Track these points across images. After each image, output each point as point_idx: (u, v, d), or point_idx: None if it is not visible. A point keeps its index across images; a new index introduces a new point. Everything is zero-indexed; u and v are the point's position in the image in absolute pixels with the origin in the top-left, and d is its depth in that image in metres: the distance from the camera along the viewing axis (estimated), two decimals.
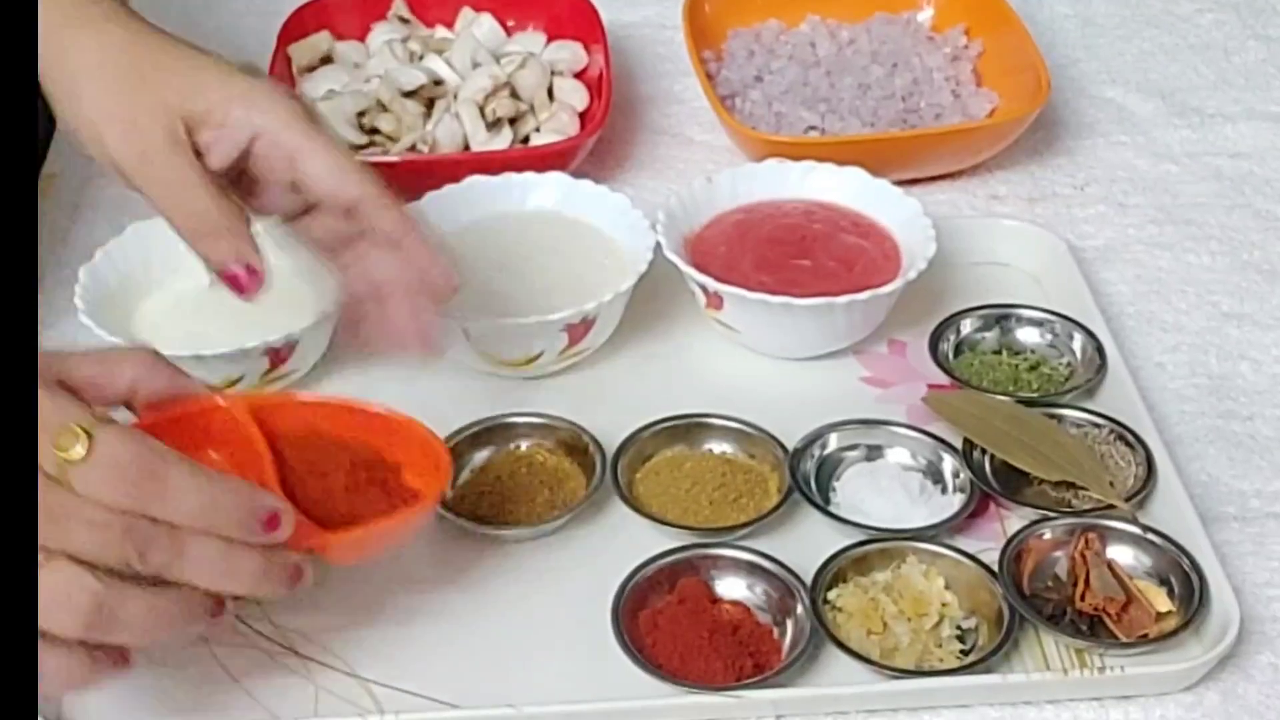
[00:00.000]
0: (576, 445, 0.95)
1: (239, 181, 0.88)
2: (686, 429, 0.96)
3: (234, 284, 0.87)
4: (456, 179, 1.07)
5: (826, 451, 0.95)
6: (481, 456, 0.95)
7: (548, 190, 1.08)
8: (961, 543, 0.89)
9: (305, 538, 0.78)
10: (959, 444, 0.95)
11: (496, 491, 0.93)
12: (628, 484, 0.93)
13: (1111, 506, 0.90)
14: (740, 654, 0.83)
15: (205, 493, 0.73)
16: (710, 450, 0.95)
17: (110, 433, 0.72)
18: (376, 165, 0.92)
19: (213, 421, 0.81)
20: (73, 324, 0.99)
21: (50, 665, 0.71)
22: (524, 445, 0.96)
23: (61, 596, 0.70)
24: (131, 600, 0.72)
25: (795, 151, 1.10)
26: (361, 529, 0.80)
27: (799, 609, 0.85)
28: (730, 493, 0.92)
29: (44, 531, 0.70)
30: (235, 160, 0.86)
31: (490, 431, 0.96)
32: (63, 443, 0.71)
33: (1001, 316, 1.04)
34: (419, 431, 0.85)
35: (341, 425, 0.84)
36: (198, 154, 0.85)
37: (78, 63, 0.85)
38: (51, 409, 0.72)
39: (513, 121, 1.20)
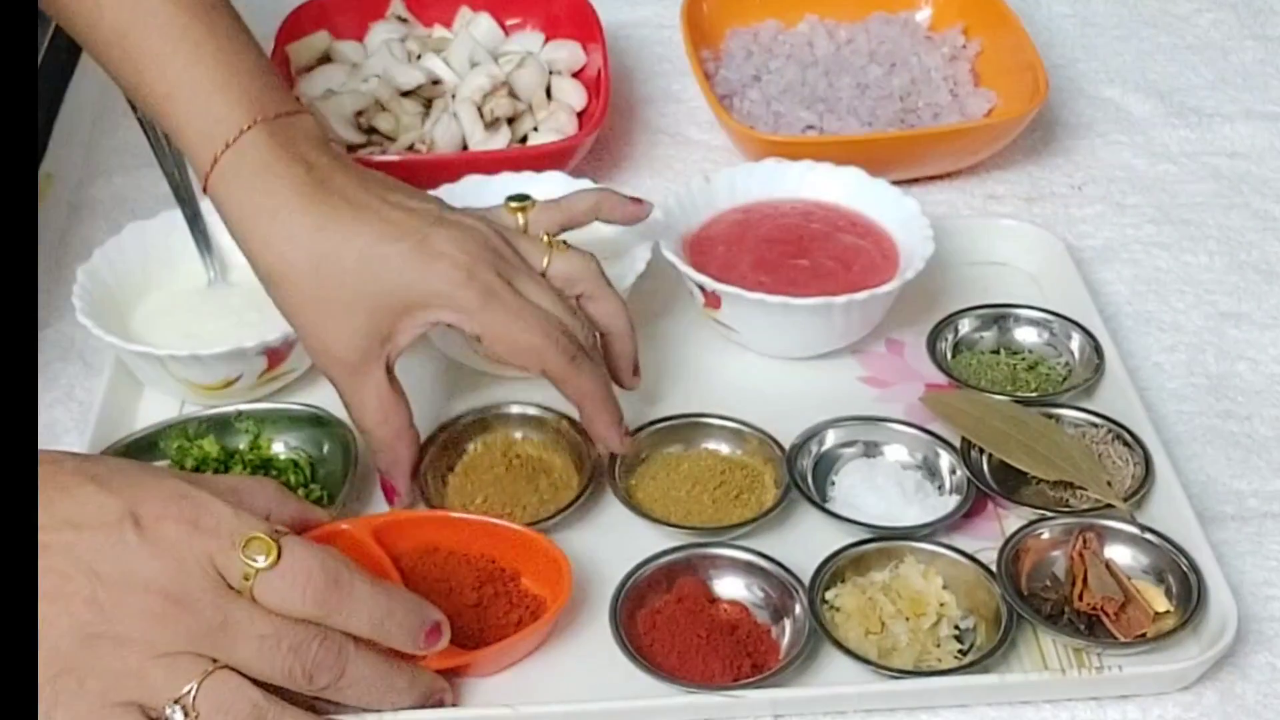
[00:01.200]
0: (566, 437, 0.95)
1: None
2: (681, 429, 0.96)
3: (383, 490, 0.92)
4: (454, 178, 1.07)
5: (824, 448, 0.95)
6: (472, 449, 0.96)
7: (546, 190, 1.08)
8: (960, 542, 0.89)
9: (449, 656, 0.81)
10: (957, 443, 0.95)
11: (492, 485, 0.93)
12: (626, 487, 0.93)
13: (1109, 506, 0.90)
14: (738, 654, 0.83)
15: (383, 601, 0.77)
16: (706, 449, 0.96)
17: (296, 542, 0.75)
18: (374, 165, 0.92)
19: (338, 545, 0.84)
20: (70, 323, 1.00)
21: None
22: (516, 436, 0.96)
23: (224, 703, 0.72)
24: (289, 716, 0.74)
25: (793, 151, 1.10)
26: (500, 645, 0.83)
27: (797, 609, 0.85)
28: (731, 490, 0.93)
29: (215, 641, 0.72)
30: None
31: (481, 423, 0.97)
32: (251, 550, 0.74)
33: (999, 316, 1.04)
34: (532, 539, 0.87)
35: (458, 537, 0.87)
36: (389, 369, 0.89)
37: (267, 263, 0.88)
38: (234, 520, 0.75)
39: (511, 121, 1.20)
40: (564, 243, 0.93)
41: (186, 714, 0.72)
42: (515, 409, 0.97)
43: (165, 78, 0.89)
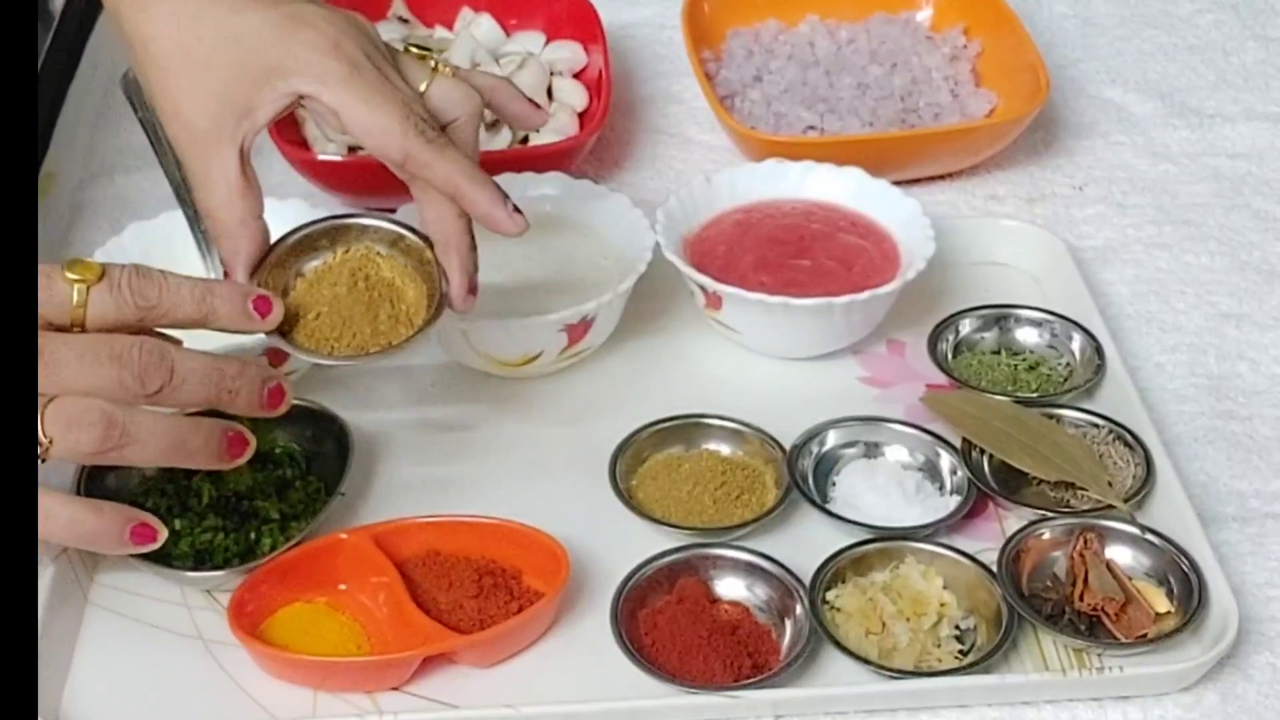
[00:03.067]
0: (416, 252, 0.89)
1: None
2: (682, 429, 0.96)
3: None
4: None
5: (825, 448, 0.95)
6: (313, 265, 0.90)
7: (547, 190, 1.08)
8: (960, 543, 0.89)
9: (441, 643, 0.83)
10: (958, 443, 0.95)
11: (329, 304, 0.88)
12: (627, 488, 0.93)
13: (1110, 507, 0.90)
14: (739, 654, 0.83)
15: (201, 284, 0.80)
16: (706, 449, 0.96)
17: (114, 265, 0.78)
18: (372, 167, 0.92)
19: (340, 555, 0.87)
20: None
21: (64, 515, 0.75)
22: (377, 252, 0.90)
23: (74, 418, 0.74)
24: (142, 415, 0.76)
25: (794, 151, 1.10)
26: (492, 630, 0.84)
27: (798, 609, 0.85)
28: (732, 490, 0.93)
29: (43, 379, 0.74)
30: (284, 113, 0.87)
31: (343, 230, 0.90)
32: (78, 270, 0.77)
33: (1000, 317, 1.04)
34: (533, 535, 0.88)
35: (458, 540, 0.88)
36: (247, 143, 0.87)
37: (137, 36, 0.86)
38: (55, 267, 0.77)
39: None
40: (453, 68, 0.89)
41: (41, 442, 0.73)
42: (385, 223, 0.90)
43: None
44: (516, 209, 0.88)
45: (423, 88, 0.88)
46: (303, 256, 0.89)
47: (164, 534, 0.79)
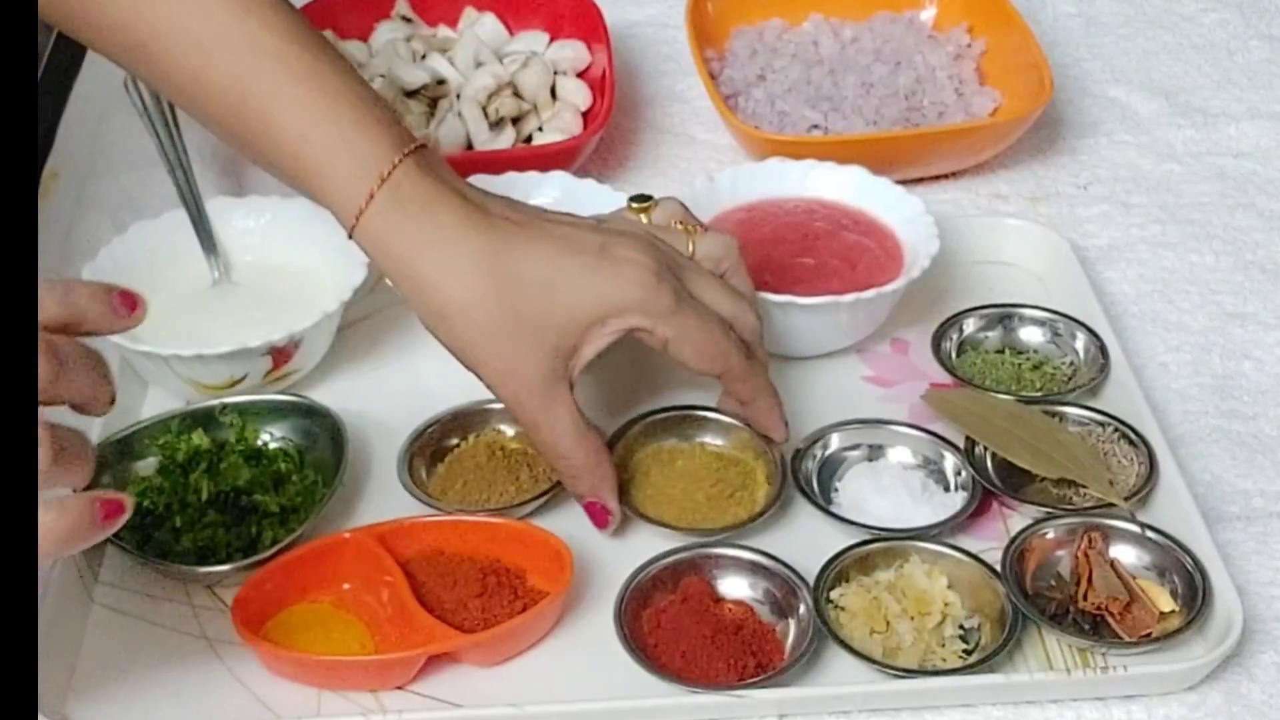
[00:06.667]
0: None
1: None
2: (674, 422, 0.96)
3: (591, 515, 0.90)
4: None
5: (828, 451, 0.95)
6: (460, 443, 0.96)
7: (551, 189, 1.08)
8: (964, 542, 0.89)
9: (445, 642, 0.83)
10: (960, 443, 0.95)
11: (473, 473, 0.94)
12: (620, 484, 0.92)
13: (1112, 505, 0.90)
14: (743, 653, 0.83)
15: (60, 284, 0.73)
16: (700, 444, 0.95)
17: None
18: None
19: (344, 554, 0.87)
20: None
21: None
22: (502, 431, 0.96)
23: None
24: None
25: (798, 150, 1.10)
26: (496, 629, 0.84)
27: (802, 608, 0.85)
28: (726, 488, 0.93)
29: None
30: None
31: (469, 418, 0.96)
32: None
33: (1004, 316, 1.04)
34: (537, 534, 0.88)
35: (463, 540, 0.88)
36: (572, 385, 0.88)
37: (443, 295, 0.85)
38: None
39: (515, 121, 1.20)
40: (699, 225, 0.93)
41: None
42: (500, 405, 0.94)
43: (300, 120, 0.85)
44: (785, 422, 0.93)
45: (690, 250, 0.91)
46: (437, 446, 0.95)
47: (130, 501, 0.74)
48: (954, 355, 1.02)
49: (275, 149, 0.87)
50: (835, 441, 0.96)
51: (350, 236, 0.87)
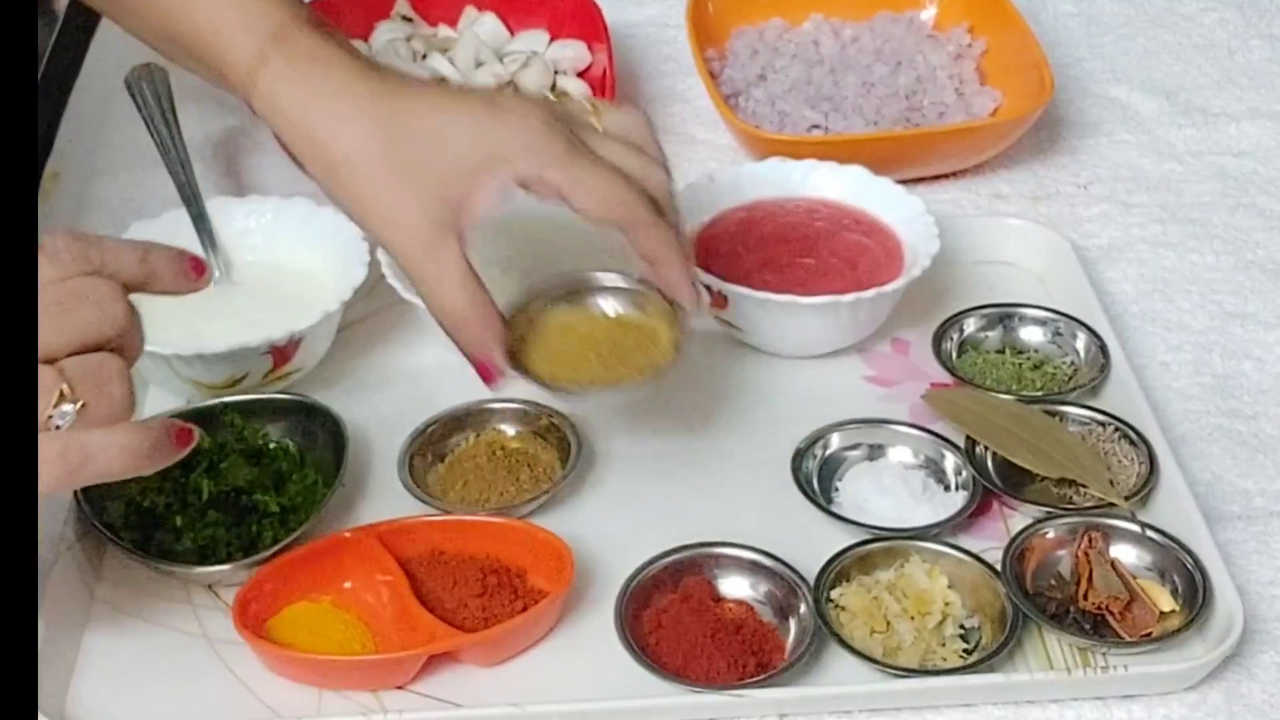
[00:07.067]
0: (554, 432, 0.96)
1: None
2: (575, 290, 0.93)
3: (480, 372, 0.88)
4: None
5: (829, 451, 0.95)
6: (460, 442, 0.96)
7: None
8: (965, 542, 0.89)
9: (446, 641, 0.83)
10: (961, 442, 0.95)
11: (473, 473, 0.94)
12: (515, 347, 0.90)
13: (1113, 505, 0.90)
14: (744, 653, 0.83)
15: (140, 245, 0.77)
16: (601, 309, 0.93)
17: (47, 235, 0.75)
18: None
19: (345, 554, 0.87)
20: None
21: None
22: (503, 431, 0.97)
23: (97, 376, 0.73)
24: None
25: (798, 150, 1.10)
26: (497, 629, 0.84)
27: (802, 608, 0.85)
28: (620, 350, 0.90)
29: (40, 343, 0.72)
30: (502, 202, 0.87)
31: (470, 417, 0.97)
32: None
33: (1005, 315, 1.04)
34: (537, 534, 0.88)
35: (463, 539, 0.88)
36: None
37: (333, 147, 0.85)
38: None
39: None
40: (605, 101, 0.91)
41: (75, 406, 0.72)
42: (501, 404, 0.97)
43: None
44: (695, 285, 0.90)
45: (596, 124, 0.89)
46: (437, 446, 0.95)
47: (198, 431, 0.77)
48: (954, 355, 1.02)
49: (167, 15, 0.89)
50: (836, 441, 0.96)
51: (247, 102, 0.87)
